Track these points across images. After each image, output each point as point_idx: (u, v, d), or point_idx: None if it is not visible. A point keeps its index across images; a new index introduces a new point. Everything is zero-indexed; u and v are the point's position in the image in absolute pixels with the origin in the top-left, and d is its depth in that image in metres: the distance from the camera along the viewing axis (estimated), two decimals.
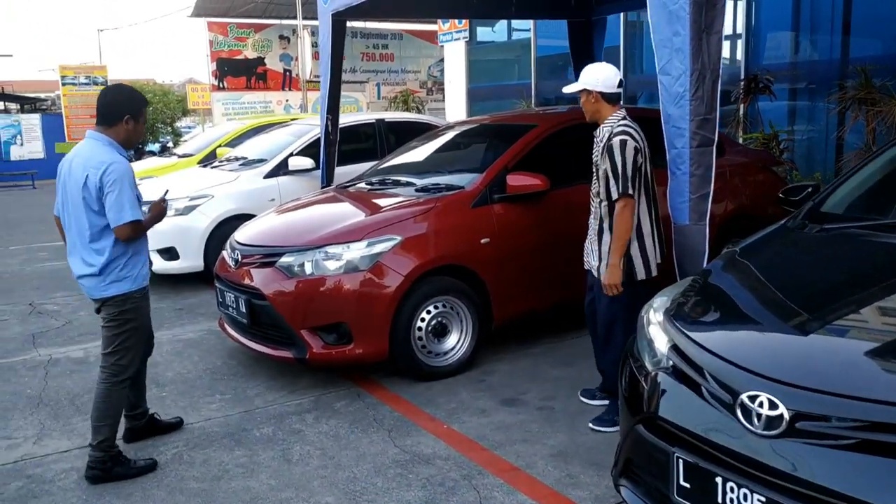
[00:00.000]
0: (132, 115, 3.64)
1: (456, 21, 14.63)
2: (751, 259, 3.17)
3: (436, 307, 4.69)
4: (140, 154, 25.40)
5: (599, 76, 3.84)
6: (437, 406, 4.34)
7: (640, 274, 3.87)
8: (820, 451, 2.05)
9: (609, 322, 3.98)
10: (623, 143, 3.70)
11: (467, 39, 14.00)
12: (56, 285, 7.83)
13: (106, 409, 3.63)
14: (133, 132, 3.68)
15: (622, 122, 3.81)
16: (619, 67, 11.39)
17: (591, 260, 4.08)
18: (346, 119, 8.13)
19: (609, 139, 3.75)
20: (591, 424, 3.97)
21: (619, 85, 3.90)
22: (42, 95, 38.12)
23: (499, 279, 4.87)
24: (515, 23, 14.39)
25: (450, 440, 3.90)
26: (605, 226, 3.88)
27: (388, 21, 26.34)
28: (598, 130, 3.93)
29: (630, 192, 3.71)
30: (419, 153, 6.21)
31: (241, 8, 23.97)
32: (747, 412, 2.21)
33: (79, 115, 22.43)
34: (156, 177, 9.61)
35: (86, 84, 22.59)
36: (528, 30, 13.78)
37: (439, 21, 15.53)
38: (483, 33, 15.52)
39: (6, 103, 29.05)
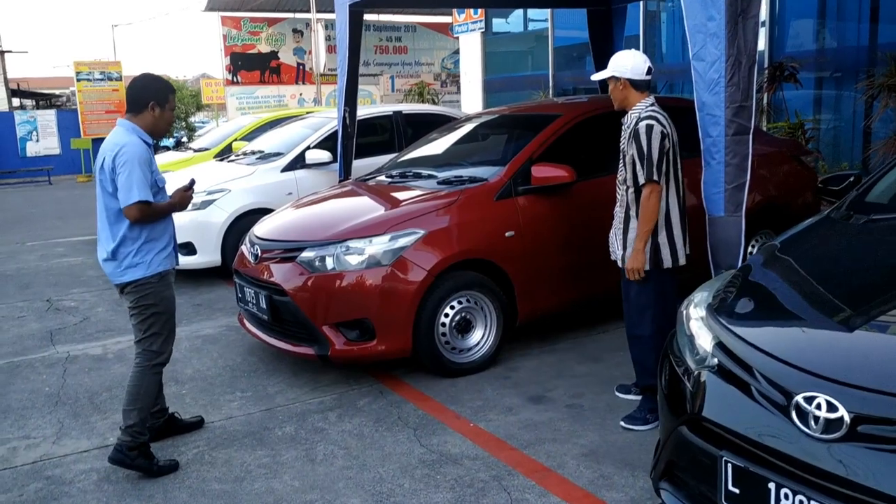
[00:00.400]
0: (157, 102, 3.64)
1: (472, 12, 14.49)
2: (794, 252, 3.03)
3: (459, 302, 4.58)
4: (156, 148, 25.47)
5: (628, 63, 3.74)
6: (462, 404, 4.23)
7: (667, 262, 3.76)
8: (885, 457, 1.93)
9: (638, 311, 3.87)
10: (649, 128, 3.60)
11: (483, 30, 13.84)
12: (73, 281, 7.79)
13: (136, 394, 3.62)
14: (160, 119, 3.68)
15: (650, 108, 3.71)
16: None
17: (616, 249, 3.96)
18: (363, 111, 8.02)
19: (636, 124, 3.66)
20: (622, 423, 3.86)
21: (648, 72, 3.77)
22: (57, 92, 38.31)
23: (523, 273, 4.75)
24: (531, 13, 14.24)
25: (477, 439, 3.79)
26: (632, 213, 3.77)
27: (401, 13, 26.24)
28: (625, 117, 3.83)
29: (656, 177, 3.61)
30: (439, 145, 6.10)
31: (254, 2, 23.93)
32: (803, 414, 2.09)
33: (94, 111, 22.46)
34: (172, 171, 9.54)
35: (100, 80, 22.59)
36: (545, 20, 13.62)
37: (454, 12, 15.39)
38: (498, 24, 15.35)
39: (22, 100, 29.19)
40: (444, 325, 4.53)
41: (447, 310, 4.54)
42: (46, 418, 4.30)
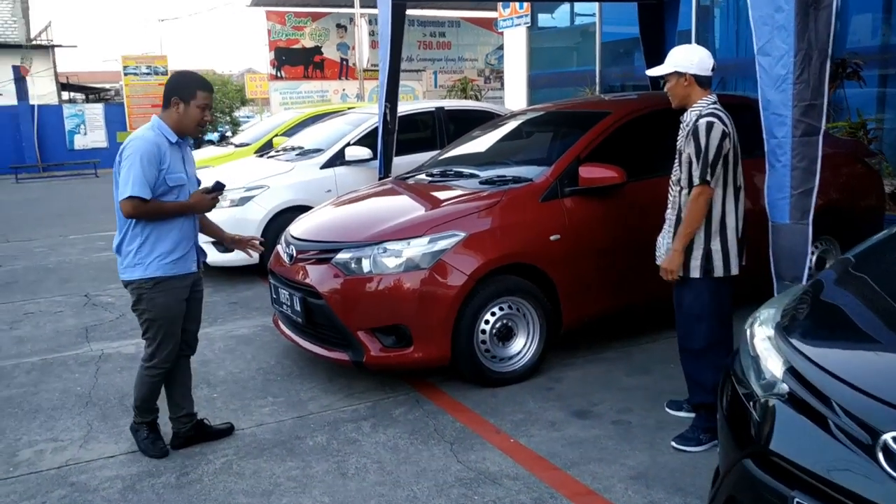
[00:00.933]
0: (181, 98, 3.55)
1: (517, 6, 14.22)
2: (872, 269, 2.75)
3: (501, 308, 4.37)
4: (199, 143, 25.69)
5: (694, 58, 3.48)
6: (502, 416, 4.02)
7: (719, 271, 3.49)
8: None
9: (690, 323, 3.61)
10: (710, 126, 3.35)
11: (528, 25, 13.57)
12: (112, 276, 7.74)
13: (136, 391, 3.74)
14: (184, 116, 3.57)
15: (712, 106, 3.46)
16: None
17: (662, 254, 3.70)
18: (404, 107, 7.83)
19: (696, 121, 3.41)
20: (673, 443, 3.60)
21: (713, 69, 3.51)
22: (106, 86, 38.95)
23: (569, 279, 4.52)
24: (578, 8, 13.91)
25: (518, 456, 3.58)
26: (684, 216, 3.51)
27: (445, 8, 26.04)
28: (685, 115, 3.56)
29: (708, 178, 3.36)
30: (482, 143, 5.88)
31: None
32: (891, 455, 1.84)
33: (140, 105, 22.72)
34: (212, 166, 9.49)
35: (147, 74, 22.86)
36: (592, 15, 13.29)
37: (500, 6, 15.12)
38: (544, 19, 15.05)
39: (71, 93, 29.69)
40: (484, 332, 4.32)
41: (488, 316, 4.33)
42: (75, 420, 4.21)
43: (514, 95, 14.85)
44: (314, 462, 3.61)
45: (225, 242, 4.07)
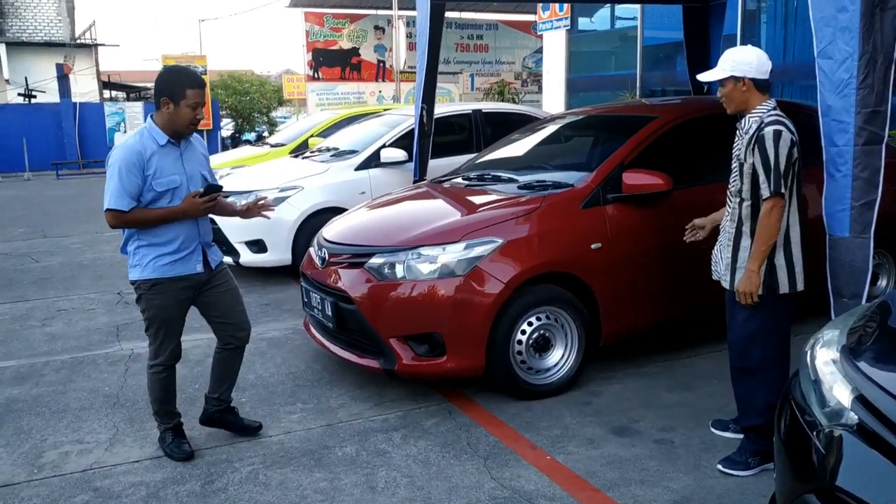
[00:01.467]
0: (170, 98, 3.40)
1: (556, 9, 14.03)
2: None
3: (538, 319, 4.21)
4: (236, 142, 25.85)
5: (752, 60, 3.26)
6: (538, 431, 3.86)
7: (784, 287, 3.28)
8: None
9: (745, 341, 3.39)
10: (777, 135, 3.14)
11: (568, 28, 13.38)
12: None
13: (149, 388, 3.73)
14: (175, 116, 3.43)
15: (774, 112, 3.24)
16: None
17: (720, 269, 3.51)
18: (440, 109, 7.72)
19: (759, 130, 3.20)
20: (720, 466, 3.41)
21: (770, 71, 3.32)
22: (147, 85, 39.47)
23: (609, 289, 4.34)
24: (619, 11, 13.68)
25: (555, 475, 3.42)
26: (746, 229, 3.31)
27: (483, 10, 25.93)
28: (742, 122, 3.35)
29: (782, 190, 3.15)
30: (520, 147, 5.72)
31: None
32: None
33: None
34: (247, 166, 9.47)
35: None
36: (633, 18, 13.06)
37: (539, 9, 14.94)
38: (584, 22, 14.84)
39: (112, 92, 30.11)
40: (520, 342, 4.17)
41: (524, 326, 4.17)
42: (102, 421, 4.14)
43: (553, 99, 14.66)
44: (342, 474, 3.49)
45: (239, 215, 3.94)
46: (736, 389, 3.52)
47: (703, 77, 3.45)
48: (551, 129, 5.80)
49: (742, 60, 3.28)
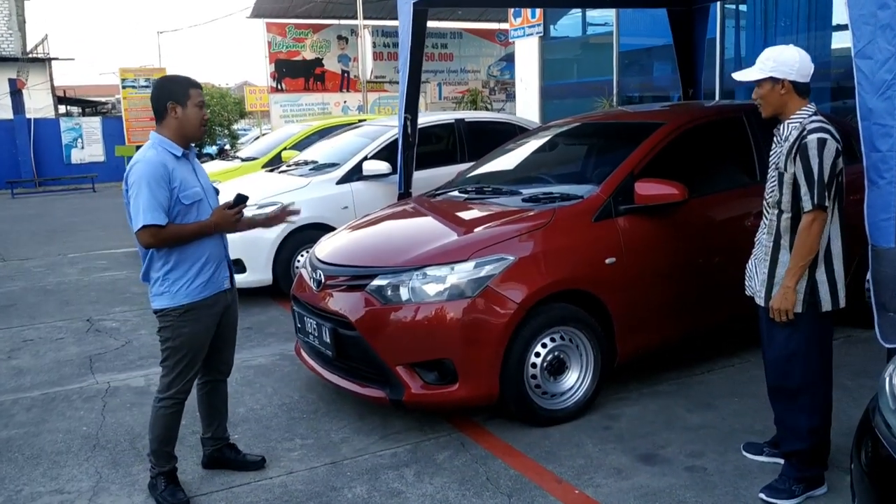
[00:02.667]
0: (176, 102, 3.24)
1: (529, 15, 13.85)
2: None
3: (552, 340, 3.96)
4: (199, 156, 25.28)
5: (794, 62, 3.05)
6: (560, 462, 3.60)
7: (827, 304, 3.08)
8: None
9: (785, 361, 3.18)
10: (822, 143, 2.94)
11: (541, 35, 13.22)
12: (114, 298, 7.33)
13: (151, 424, 3.41)
14: (185, 120, 3.27)
15: (816, 119, 3.05)
16: (715, 62, 10.53)
17: (755, 285, 3.29)
18: (422, 119, 7.43)
19: (802, 137, 2.99)
20: (762, 496, 3.19)
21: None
22: (103, 99, 38.56)
23: (625, 306, 4.12)
24: (590, 17, 13.56)
25: None
26: (785, 242, 3.11)
27: (447, 19, 25.78)
28: (781, 127, 3.15)
29: (826, 203, 2.96)
30: (518, 157, 5.49)
31: (299, 8, 23.64)
32: None
33: (139, 118, 22.26)
34: (219, 181, 9.07)
35: (145, 87, 22.38)
36: (605, 24, 12.95)
37: (510, 16, 14.76)
38: (556, 29, 14.70)
39: (68, 107, 29.30)
40: (534, 366, 3.91)
41: (538, 348, 3.92)
42: (83, 466, 3.77)
43: (527, 107, 14.48)
44: None
45: (262, 225, 3.82)
46: (776, 411, 3.31)
47: (739, 76, 3.22)
48: (549, 138, 5.57)
49: (784, 61, 3.07)
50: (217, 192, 3.54)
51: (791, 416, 3.19)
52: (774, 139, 3.18)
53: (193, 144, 3.44)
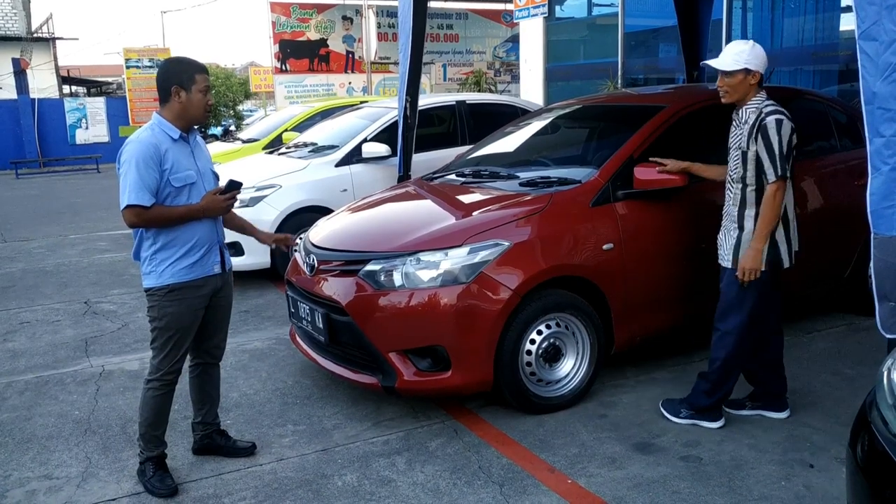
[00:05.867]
0: (181, 86, 3.21)
1: None
2: None
3: (548, 327, 3.90)
4: (203, 138, 25.23)
5: (763, 57, 3.52)
6: (554, 451, 3.55)
7: (786, 261, 3.58)
8: None
9: (727, 310, 3.64)
10: (779, 123, 3.42)
11: (546, 15, 13.04)
12: (113, 280, 7.30)
13: (140, 407, 3.39)
14: (189, 104, 3.24)
15: (770, 103, 3.51)
16: (721, 44, 10.36)
17: (723, 251, 3.68)
18: (423, 101, 7.35)
19: (761, 119, 3.45)
20: (661, 408, 3.85)
21: None
22: (108, 79, 38.47)
23: (622, 293, 4.05)
24: None
25: (579, 501, 3.12)
26: (750, 212, 3.54)
27: (452, 0, 25.53)
28: (740, 112, 3.58)
29: (787, 174, 3.43)
30: (517, 140, 5.39)
31: None
32: None
33: (142, 98, 22.26)
34: (220, 163, 9.02)
35: (149, 67, 22.35)
36: (611, 4, 12.76)
37: None
38: (560, 10, 14.50)
39: (73, 87, 29.23)
40: (529, 353, 3.86)
41: (533, 335, 3.86)
42: (73, 451, 3.75)
43: (531, 89, 14.31)
44: None
45: (260, 240, 3.74)
46: (716, 351, 3.72)
47: (715, 63, 3.56)
48: (549, 121, 5.48)
49: (756, 55, 3.49)
50: (217, 176, 3.49)
51: (724, 353, 3.66)
52: (733, 123, 3.60)
53: (197, 126, 3.38)
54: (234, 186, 3.33)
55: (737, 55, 3.48)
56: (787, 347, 3.98)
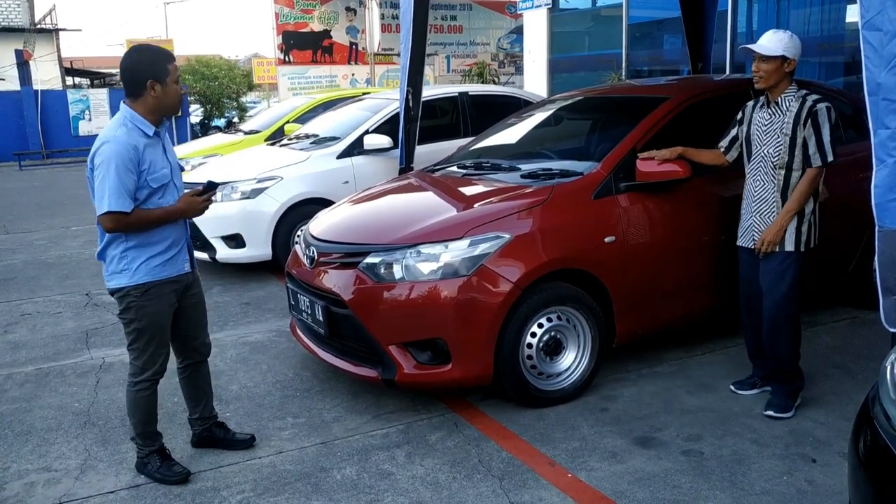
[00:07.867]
0: (155, 78, 3.08)
1: None
2: None
3: (549, 320, 3.87)
4: (206, 129, 25.20)
5: (799, 47, 3.60)
6: (554, 444, 3.54)
7: (814, 240, 3.70)
8: None
9: (782, 297, 3.67)
10: (829, 111, 3.55)
11: (549, 6, 12.96)
12: None
13: (129, 408, 3.34)
14: (164, 97, 3.12)
15: (807, 91, 3.63)
16: (726, 35, 10.30)
17: (758, 235, 3.74)
18: (425, 92, 7.29)
19: (809, 107, 3.56)
20: (769, 413, 3.71)
21: None
22: (112, 71, 38.42)
23: (624, 286, 4.03)
24: None
25: (579, 496, 3.10)
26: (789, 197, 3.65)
27: None
28: (781, 100, 3.64)
29: (834, 159, 3.56)
30: (519, 132, 5.36)
31: None
32: None
33: None
34: (221, 154, 9.01)
35: None
36: None
37: None
38: (566, 0, 14.41)
39: (76, 79, 29.19)
40: (530, 346, 3.84)
41: (534, 328, 3.84)
42: (72, 444, 3.74)
43: (534, 80, 14.25)
44: (343, 501, 3.14)
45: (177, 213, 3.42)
46: (777, 341, 3.73)
47: (755, 47, 3.61)
48: (551, 112, 5.44)
49: (795, 44, 3.58)
50: (182, 169, 3.44)
51: (791, 342, 3.72)
52: (771, 110, 3.66)
53: (172, 117, 3.33)
54: (212, 187, 3.29)
55: (776, 41, 3.58)
56: None
